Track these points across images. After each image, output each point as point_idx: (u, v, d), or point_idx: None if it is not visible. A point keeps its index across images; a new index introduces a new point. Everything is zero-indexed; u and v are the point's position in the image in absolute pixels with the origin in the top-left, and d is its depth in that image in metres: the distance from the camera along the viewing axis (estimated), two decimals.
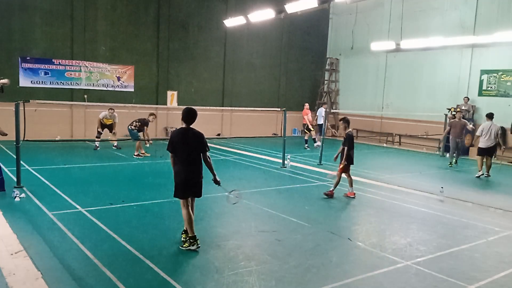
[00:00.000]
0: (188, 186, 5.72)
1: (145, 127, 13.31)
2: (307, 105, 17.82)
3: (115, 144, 14.99)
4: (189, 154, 5.68)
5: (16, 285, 4.43)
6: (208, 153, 5.79)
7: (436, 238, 6.69)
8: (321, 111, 17.46)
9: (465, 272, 5.39)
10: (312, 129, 17.35)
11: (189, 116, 5.72)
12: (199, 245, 5.65)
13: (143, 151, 13.55)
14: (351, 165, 9.15)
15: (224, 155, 14.59)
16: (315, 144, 17.01)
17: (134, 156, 13.21)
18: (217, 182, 5.94)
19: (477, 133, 12.69)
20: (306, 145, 17.38)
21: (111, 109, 14.43)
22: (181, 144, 5.66)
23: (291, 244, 6.06)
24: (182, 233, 5.92)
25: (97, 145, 14.70)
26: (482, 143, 12.40)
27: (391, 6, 20.42)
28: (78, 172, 10.88)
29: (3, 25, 15.50)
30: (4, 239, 5.70)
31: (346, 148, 8.98)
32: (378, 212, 8.21)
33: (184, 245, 5.70)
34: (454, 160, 14.23)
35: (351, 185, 9.09)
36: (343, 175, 9.13)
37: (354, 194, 9.06)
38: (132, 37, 18.15)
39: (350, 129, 9.15)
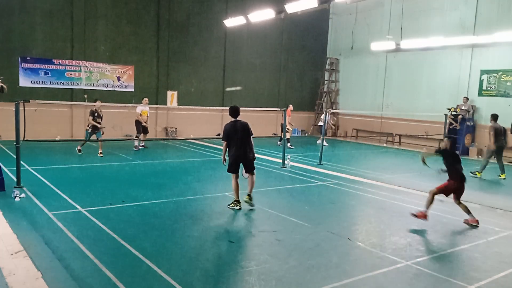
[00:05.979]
0: (239, 162, 7.67)
1: (94, 117, 12.93)
2: (291, 106, 17.95)
3: (142, 144, 15.19)
4: (239, 139, 7.63)
5: (16, 285, 4.43)
6: (251, 137, 7.79)
7: (436, 238, 6.70)
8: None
9: (465, 272, 5.40)
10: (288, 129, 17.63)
11: (234, 112, 7.85)
12: (241, 207, 7.57)
13: (100, 151, 13.16)
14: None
15: None
16: (279, 142, 17.25)
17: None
18: (253, 158, 7.85)
19: None
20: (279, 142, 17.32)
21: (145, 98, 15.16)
22: (233, 132, 7.66)
23: (291, 244, 6.05)
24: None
25: (137, 144, 14.93)
26: None
27: (391, 6, 20.41)
28: (78, 172, 10.87)
29: (3, 25, 15.49)
30: (4, 239, 5.70)
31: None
32: (378, 212, 8.22)
33: (230, 204, 7.67)
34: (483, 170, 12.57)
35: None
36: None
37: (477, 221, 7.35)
38: (132, 37, 18.14)
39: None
